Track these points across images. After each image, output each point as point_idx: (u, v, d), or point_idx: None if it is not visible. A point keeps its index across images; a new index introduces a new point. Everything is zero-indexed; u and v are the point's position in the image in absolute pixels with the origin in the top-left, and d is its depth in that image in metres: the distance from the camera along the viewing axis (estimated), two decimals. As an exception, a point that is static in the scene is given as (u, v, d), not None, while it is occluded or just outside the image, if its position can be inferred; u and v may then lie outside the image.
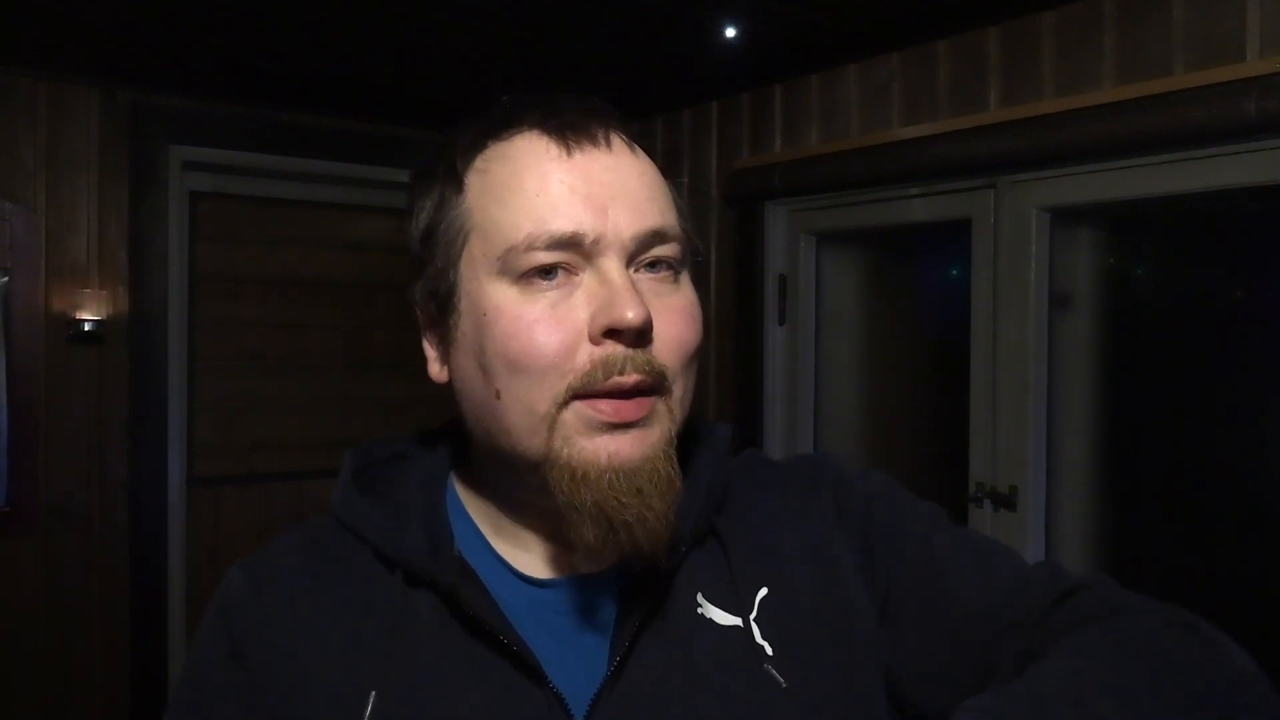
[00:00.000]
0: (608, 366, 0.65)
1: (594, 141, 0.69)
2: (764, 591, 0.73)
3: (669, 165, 3.27)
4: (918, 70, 2.56)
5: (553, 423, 0.66)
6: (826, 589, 0.74)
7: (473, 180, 0.70)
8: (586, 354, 0.66)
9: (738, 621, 0.72)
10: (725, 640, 0.71)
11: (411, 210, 0.74)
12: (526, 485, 0.71)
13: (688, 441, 0.77)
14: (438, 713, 0.68)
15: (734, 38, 2.51)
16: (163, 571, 3.18)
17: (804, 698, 0.70)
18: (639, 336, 0.66)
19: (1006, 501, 2.40)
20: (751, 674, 0.70)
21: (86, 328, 2.95)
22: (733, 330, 3.09)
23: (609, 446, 0.66)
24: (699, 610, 0.72)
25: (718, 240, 3.15)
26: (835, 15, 2.38)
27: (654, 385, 0.67)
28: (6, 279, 2.89)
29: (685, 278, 0.73)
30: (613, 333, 0.66)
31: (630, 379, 0.65)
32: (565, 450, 0.66)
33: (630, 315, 0.65)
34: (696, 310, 0.72)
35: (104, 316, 3.00)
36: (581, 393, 0.66)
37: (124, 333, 3.05)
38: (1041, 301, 2.37)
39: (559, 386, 0.66)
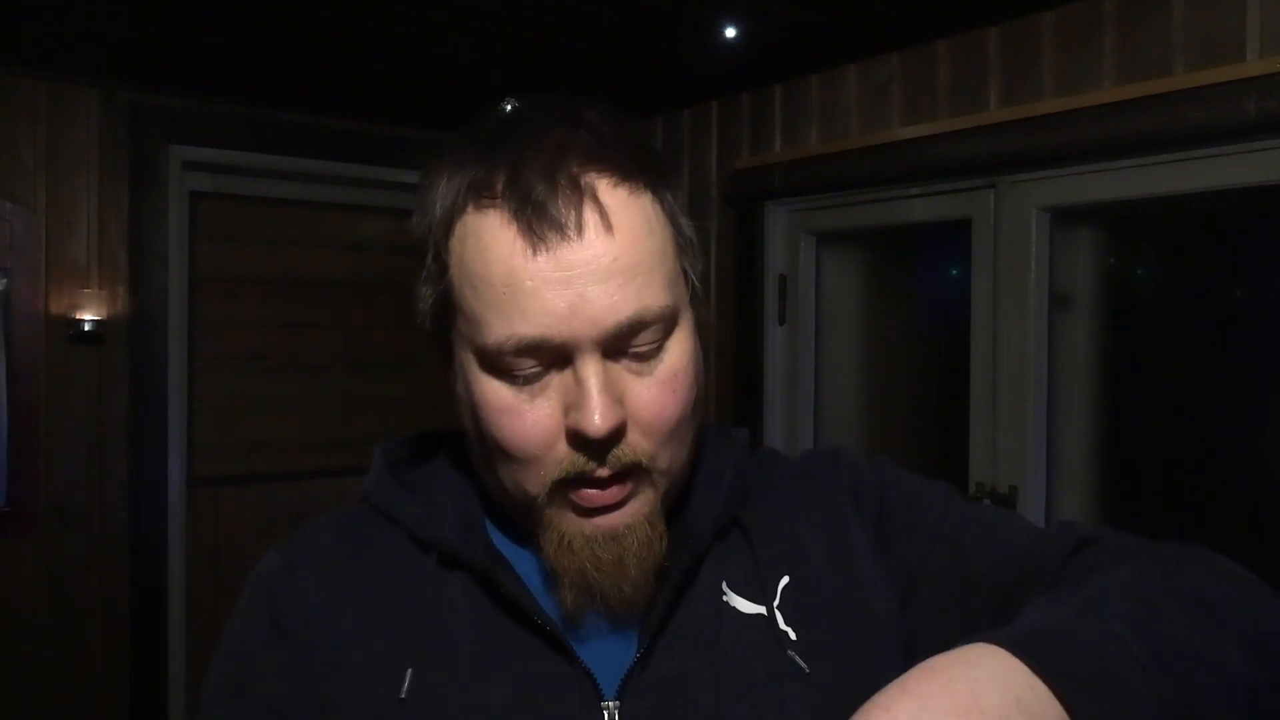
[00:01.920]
0: (579, 466, 0.67)
1: (562, 232, 0.65)
2: (785, 580, 0.76)
3: (669, 166, 3.26)
4: (918, 70, 2.56)
5: (544, 500, 0.69)
6: (845, 576, 0.76)
7: (454, 250, 0.68)
8: (564, 448, 0.68)
9: (761, 610, 0.74)
10: (750, 628, 0.73)
11: (415, 224, 0.73)
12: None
13: (708, 444, 0.80)
14: (472, 689, 0.70)
15: (734, 38, 2.51)
16: (163, 571, 3.18)
17: (826, 683, 0.72)
18: (609, 439, 0.67)
19: (1006, 501, 2.40)
20: (775, 660, 0.72)
21: (86, 328, 2.95)
22: (733, 330, 3.09)
23: (593, 520, 0.69)
24: (724, 599, 0.74)
25: (718, 240, 3.15)
26: (835, 15, 2.38)
27: (631, 471, 0.68)
28: (6, 279, 2.89)
29: (679, 336, 0.70)
30: (581, 436, 0.66)
31: (605, 473, 0.68)
32: (556, 518, 0.70)
33: (597, 422, 0.65)
34: (681, 375, 0.69)
35: (104, 316, 3.00)
36: (562, 481, 0.68)
37: (124, 333, 3.05)
38: (1041, 301, 2.37)
39: (544, 475, 0.68)
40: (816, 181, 2.79)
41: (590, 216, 0.65)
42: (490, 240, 0.66)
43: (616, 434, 0.67)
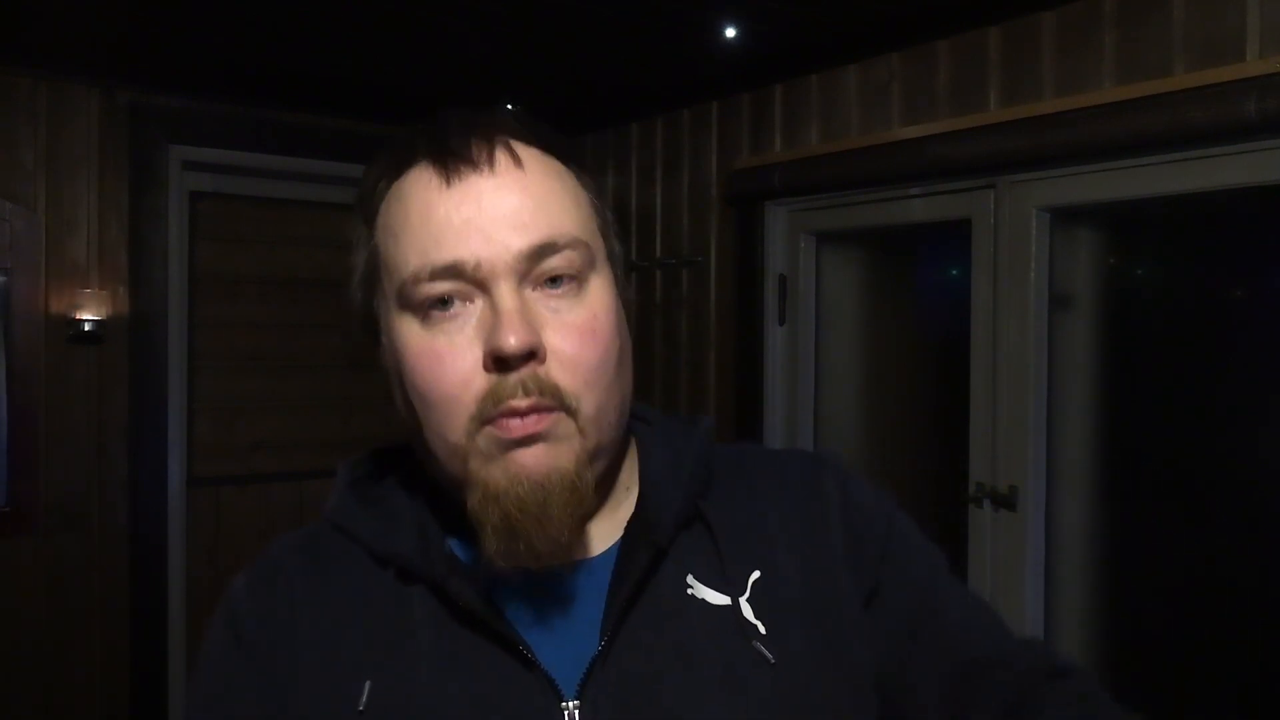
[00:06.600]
0: (498, 394, 0.67)
1: (474, 166, 0.69)
2: (756, 574, 0.75)
3: (669, 165, 3.27)
4: (918, 70, 2.56)
5: (467, 449, 0.69)
6: (816, 574, 0.77)
7: (378, 222, 0.73)
8: (483, 382, 0.68)
9: (728, 600, 0.74)
10: (716, 619, 0.73)
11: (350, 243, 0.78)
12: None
13: (668, 430, 0.81)
14: (431, 700, 0.70)
15: (734, 38, 2.51)
16: (163, 571, 3.18)
17: (792, 675, 0.72)
18: (527, 360, 0.67)
19: (1006, 501, 2.40)
20: (741, 652, 0.72)
21: (86, 328, 2.95)
22: (733, 330, 3.08)
23: (516, 460, 0.68)
24: (689, 591, 0.74)
25: (718, 240, 3.15)
26: (835, 15, 2.38)
27: (552, 405, 0.68)
28: (6, 279, 2.89)
29: (597, 283, 0.72)
30: (500, 360, 0.67)
31: (523, 403, 0.67)
32: (480, 471, 0.68)
33: (512, 341, 0.66)
34: (602, 320, 0.71)
35: (104, 316, 3.00)
36: (484, 419, 0.67)
37: (124, 333, 3.05)
38: (1041, 301, 2.37)
39: (464, 416, 0.68)
40: (816, 181, 2.79)
41: (502, 155, 0.70)
42: (409, 191, 0.71)
43: (532, 355, 0.67)
